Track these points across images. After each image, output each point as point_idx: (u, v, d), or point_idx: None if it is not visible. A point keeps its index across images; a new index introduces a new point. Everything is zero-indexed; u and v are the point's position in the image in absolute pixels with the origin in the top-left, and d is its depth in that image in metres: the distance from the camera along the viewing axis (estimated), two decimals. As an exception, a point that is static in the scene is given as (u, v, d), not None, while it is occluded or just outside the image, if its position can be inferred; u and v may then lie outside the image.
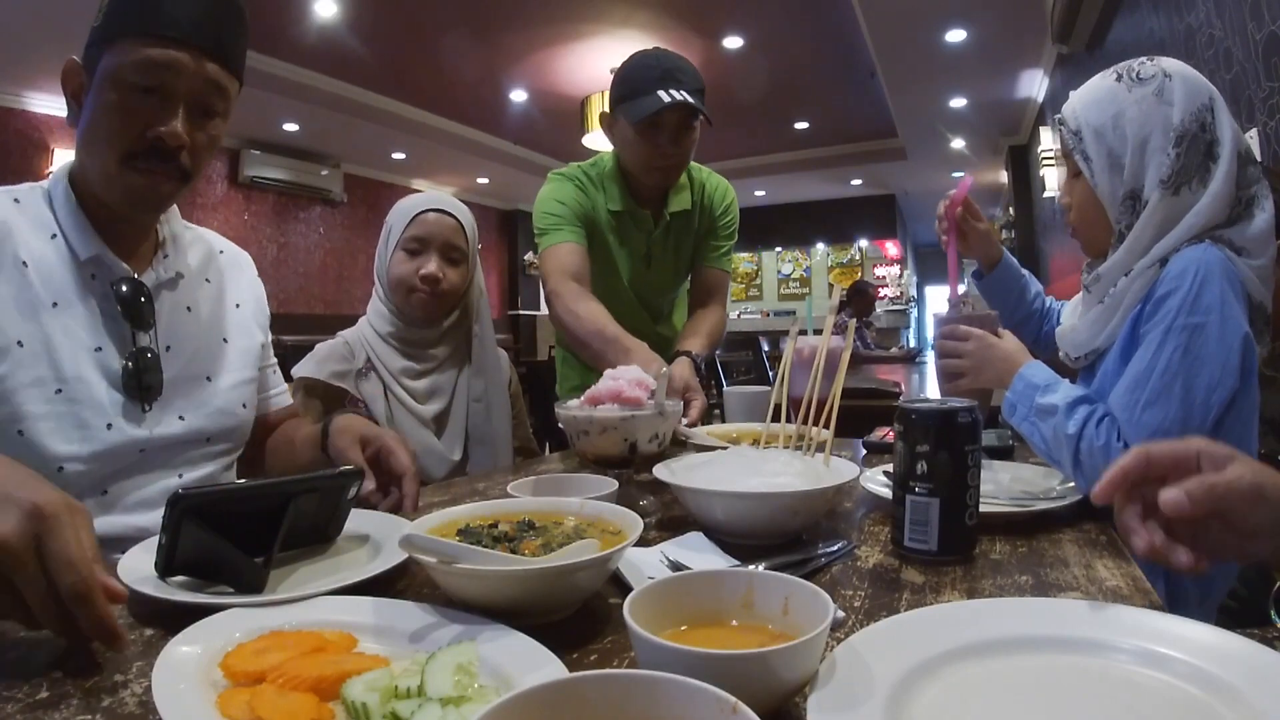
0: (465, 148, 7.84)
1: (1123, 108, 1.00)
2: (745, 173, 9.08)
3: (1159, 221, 0.98)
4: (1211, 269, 0.91)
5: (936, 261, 13.97)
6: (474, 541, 0.62)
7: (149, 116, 0.87)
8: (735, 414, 1.35)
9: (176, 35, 0.86)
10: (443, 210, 1.35)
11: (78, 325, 0.88)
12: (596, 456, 0.88)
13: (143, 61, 0.85)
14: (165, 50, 0.85)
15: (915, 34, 4.97)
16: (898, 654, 0.45)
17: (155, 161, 0.88)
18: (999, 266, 1.34)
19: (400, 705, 0.39)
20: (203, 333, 1.01)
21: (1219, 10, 2.31)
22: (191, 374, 0.98)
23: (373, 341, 1.35)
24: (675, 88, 1.48)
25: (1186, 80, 0.99)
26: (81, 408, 0.87)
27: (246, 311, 1.10)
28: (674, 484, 0.79)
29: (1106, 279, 1.04)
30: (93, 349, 0.89)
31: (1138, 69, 1.02)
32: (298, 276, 7.59)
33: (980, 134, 7.27)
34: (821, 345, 0.89)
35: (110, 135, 0.87)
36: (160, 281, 0.97)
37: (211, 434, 0.99)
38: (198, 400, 0.98)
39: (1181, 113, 0.97)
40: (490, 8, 5.04)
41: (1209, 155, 0.97)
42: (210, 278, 1.06)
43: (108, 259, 0.92)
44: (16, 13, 4.27)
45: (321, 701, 0.42)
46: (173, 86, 0.87)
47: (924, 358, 5.26)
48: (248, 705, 0.41)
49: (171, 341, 0.96)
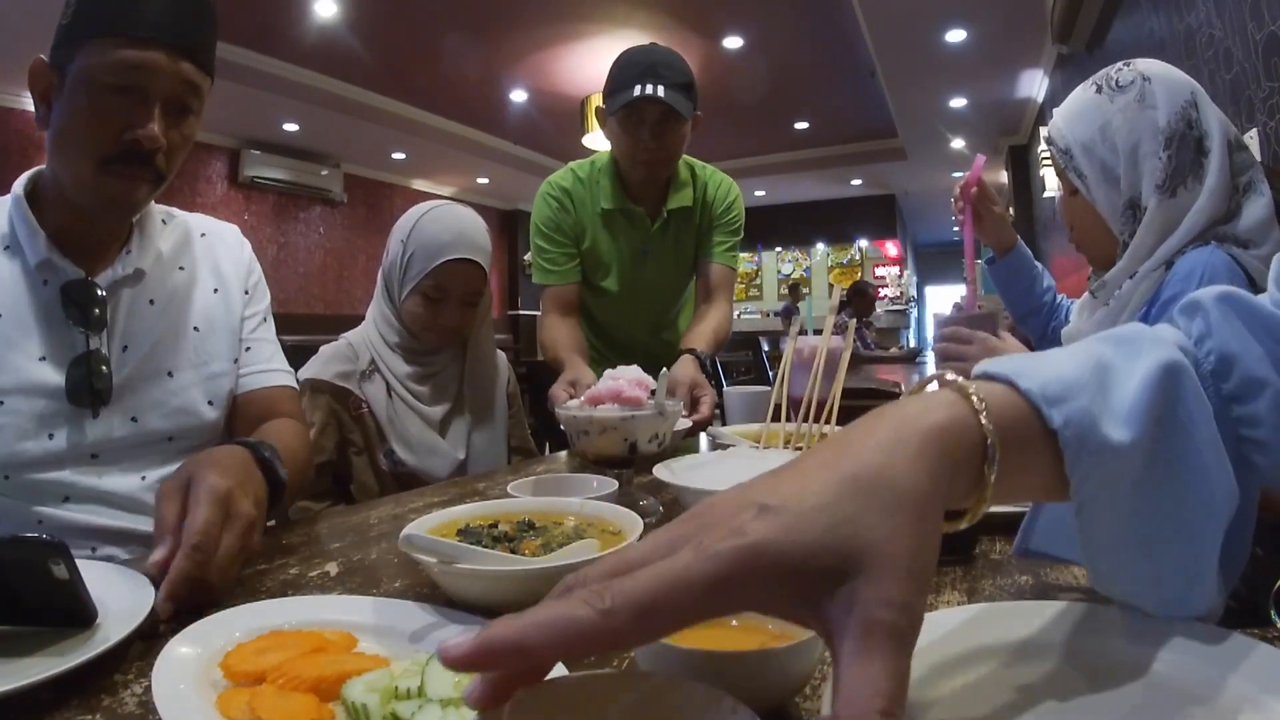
0: (465, 148, 7.84)
1: (1108, 118, 0.99)
2: (745, 173, 9.08)
3: (1160, 226, 0.97)
4: (1217, 272, 0.91)
5: (936, 261, 13.98)
6: (474, 541, 0.62)
7: (125, 119, 0.84)
8: (735, 414, 1.35)
9: (150, 35, 0.83)
10: (467, 259, 1.30)
11: (21, 335, 0.86)
12: (596, 456, 0.88)
13: (117, 62, 0.82)
14: (139, 51, 0.83)
15: (915, 34, 4.98)
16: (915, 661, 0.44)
17: (133, 166, 0.86)
18: (1012, 254, 1.34)
19: (400, 706, 0.39)
20: (166, 325, 0.97)
21: (1219, 10, 2.31)
22: (149, 371, 0.94)
23: (377, 345, 1.35)
24: (654, 82, 1.50)
25: (1165, 80, 0.98)
26: (23, 418, 0.84)
27: (227, 293, 1.04)
28: (674, 484, 0.79)
29: (1112, 284, 1.04)
30: (36, 358, 0.86)
31: (1115, 76, 1.01)
32: (298, 276, 7.60)
33: (980, 134, 7.27)
34: (821, 345, 0.89)
35: (85, 139, 0.84)
36: (117, 279, 0.93)
37: (172, 433, 0.95)
38: (154, 399, 0.94)
39: (1166, 114, 0.96)
40: (490, 8, 5.04)
41: (1200, 151, 0.96)
42: (184, 265, 1.02)
43: (57, 262, 0.88)
44: (16, 13, 4.27)
45: (322, 702, 0.42)
46: (148, 87, 0.84)
47: (924, 358, 5.26)
48: (248, 706, 0.41)
49: (129, 340, 0.93)
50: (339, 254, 8.10)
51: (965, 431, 0.34)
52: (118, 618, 0.53)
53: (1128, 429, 0.37)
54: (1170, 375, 0.39)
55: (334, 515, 1.01)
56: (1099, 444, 0.36)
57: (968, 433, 0.34)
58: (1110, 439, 0.36)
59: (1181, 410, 0.39)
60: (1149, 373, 0.39)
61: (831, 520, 0.28)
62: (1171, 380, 0.39)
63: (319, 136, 7.12)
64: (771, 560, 0.28)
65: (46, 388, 0.86)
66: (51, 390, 0.86)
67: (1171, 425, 0.39)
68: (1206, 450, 0.39)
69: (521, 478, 0.89)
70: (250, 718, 0.40)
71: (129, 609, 0.54)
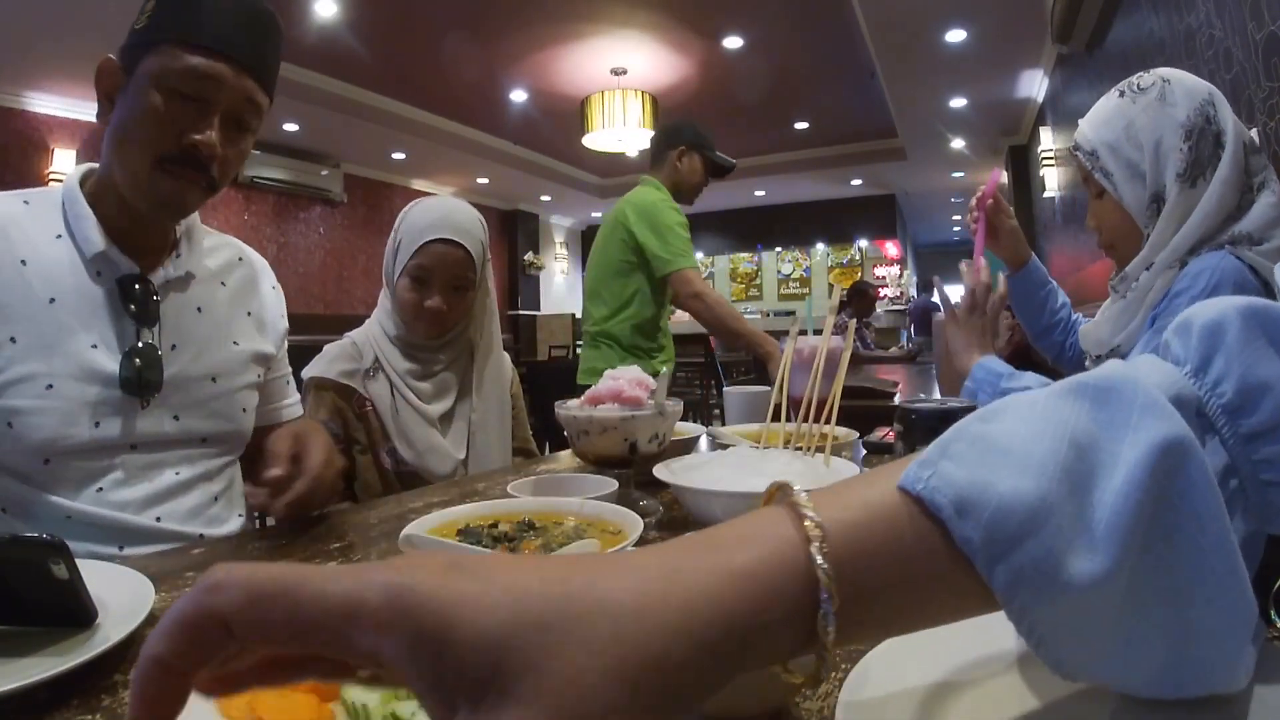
0: (465, 148, 7.84)
1: (1131, 118, 1.03)
2: (745, 173, 9.05)
3: (1179, 215, 1.00)
4: (1226, 276, 0.93)
5: (937, 262, 13.97)
6: (474, 541, 0.62)
7: (186, 122, 0.88)
8: (735, 414, 1.35)
9: (219, 47, 0.88)
10: (450, 240, 1.31)
11: (75, 322, 0.89)
12: (596, 456, 0.88)
13: (186, 69, 0.87)
14: (208, 60, 0.88)
15: (915, 34, 4.97)
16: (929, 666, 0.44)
17: (188, 168, 0.90)
18: (1025, 268, 1.34)
19: (399, 706, 0.39)
20: (210, 332, 1.01)
21: (1219, 10, 2.31)
22: (195, 374, 0.98)
23: (380, 342, 1.36)
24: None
25: (1184, 82, 1.03)
26: (73, 404, 0.87)
27: (261, 319, 1.10)
28: (674, 484, 0.79)
29: (1131, 276, 1.06)
30: (89, 345, 0.89)
31: (1137, 81, 1.06)
32: (297, 276, 7.59)
33: (980, 134, 7.27)
34: (821, 345, 0.89)
35: (146, 136, 0.88)
36: (169, 280, 0.97)
37: (207, 435, 0.99)
38: (196, 400, 0.98)
39: (1186, 110, 1.00)
40: (490, 8, 5.04)
41: (1218, 144, 1.00)
42: (227, 282, 1.07)
43: (114, 255, 0.92)
44: (16, 13, 4.27)
45: (322, 702, 0.42)
46: (212, 97, 0.89)
47: (924, 358, 5.26)
48: (248, 705, 0.41)
49: (176, 340, 0.97)
50: (339, 254, 8.09)
51: (783, 573, 0.25)
52: (118, 618, 0.53)
53: (1105, 553, 0.27)
54: (1169, 458, 0.29)
55: (335, 515, 1.01)
56: (1062, 586, 0.27)
57: (788, 576, 0.25)
58: (1078, 576, 0.27)
59: (1185, 509, 0.29)
60: (1140, 462, 0.28)
61: (523, 619, 0.22)
62: (1171, 467, 0.29)
63: (319, 136, 7.11)
64: (426, 614, 0.22)
65: (101, 375, 0.89)
66: (105, 378, 0.89)
67: (1168, 531, 0.29)
68: (1216, 556, 0.29)
69: (521, 478, 0.89)
70: (250, 716, 0.40)
71: (129, 609, 0.54)
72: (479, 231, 1.37)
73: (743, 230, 11.31)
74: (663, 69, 6.17)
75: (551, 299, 11.21)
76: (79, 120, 5.74)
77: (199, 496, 0.97)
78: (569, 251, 11.91)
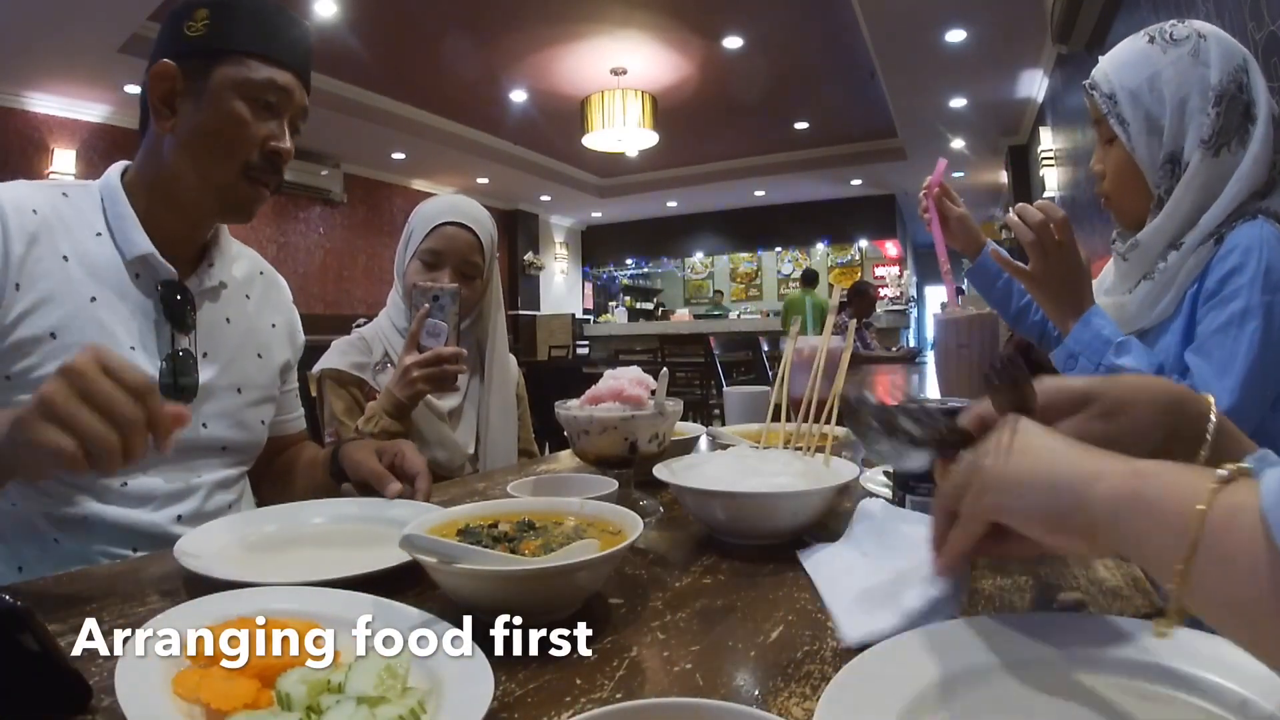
0: (465, 148, 7.84)
1: (1158, 69, 0.98)
2: (745, 173, 9.08)
3: (1201, 184, 0.96)
4: (1274, 247, 0.90)
5: (936, 262, 13.97)
6: (474, 541, 0.62)
7: (268, 131, 0.93)
8: (735, 414, 1.35)
9: (291, 60, 0.94)
10: (461, 224, 1.35)
11: (115, 322, 0.89)
12: (596, 456, 0.88)
13: (268, 81, 0.92)
14: (285, 72, 0.94)
15: (915, 34, 4.98)
16: (908, 675, 0.44)
17: (267, 174, 0.94)
18: (982, 254, 1.33)
19: (324, 699, 0.41)
20: (238, 344, 1.03)
21: (1219, 10, 2.31)
22: (224, 382, 0.99)
23: (390, 336, 1.37)
24: None
25: (1221, 41, 0.97)
26: None
27: (280, 332, 1.12)
28: (674, 484, 0.79)
29: (1147, 247, 1.02)
30: (128, 347, 0.89)
31: (1170, 30, 0.99)
32: (297, 276, 7.59)
33: (980, 134, 7.27)
34: (821, 345, 0.89)
35: (234, 144, 0.91)
36: (203, 289, 0.99)
37: (228, 444, 1.01)
38: (222, 409, 0.99)
39: (1219, 73, 0.95)
40: (490, 8, 5.04)
41: (1247, 116, 0.96)
42: (250, 294, 1.09)
43: (155, 260, 0.92)
44: (16, 13, 4.27)
45: (263, 688, 0.43)
46: (284, 106, 0.94)
47: (924, 357, 5.26)
48: (196, 685, 0.43)
49: (208, 348, 0.98)
50: (339, 254, 8.09)
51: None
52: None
53: None
54: None
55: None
56: None
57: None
58: None
59: None
60: None
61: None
62: None
63: (319, 136, 7.11)
64: None
65: None
66: None
67: None
68: None
69: (521, 478, 0.89)
70: (194, 696, 0.42)
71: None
72: (488, 223, 1.40)
73: (743, 230, 11.32)
74: (663, 69, 6.17)
75: (551, 299, 11.21)
76: (79, 120, 5.73)
77: (215, 505, 0.98)
78: (569, 251, 11.91)
